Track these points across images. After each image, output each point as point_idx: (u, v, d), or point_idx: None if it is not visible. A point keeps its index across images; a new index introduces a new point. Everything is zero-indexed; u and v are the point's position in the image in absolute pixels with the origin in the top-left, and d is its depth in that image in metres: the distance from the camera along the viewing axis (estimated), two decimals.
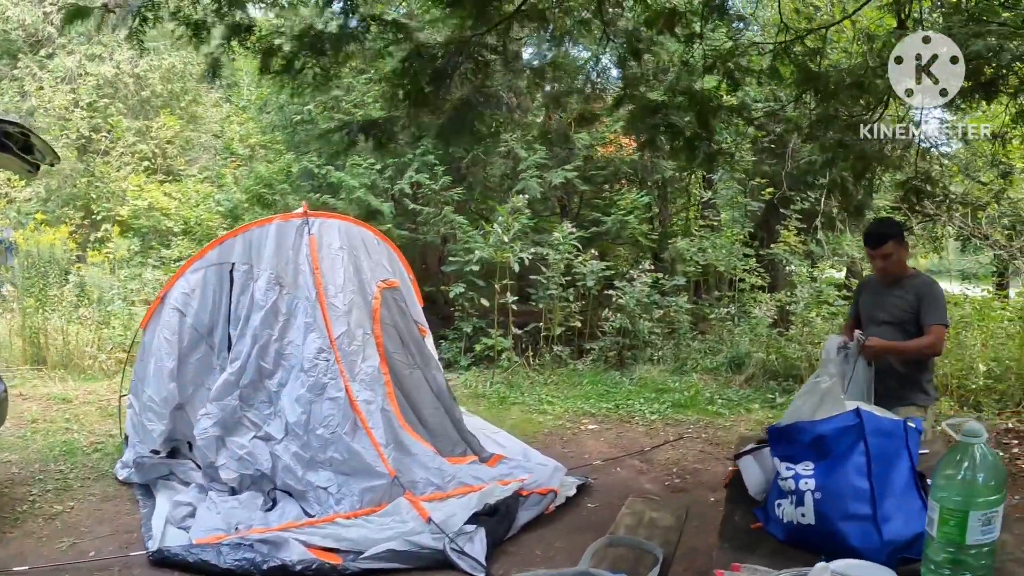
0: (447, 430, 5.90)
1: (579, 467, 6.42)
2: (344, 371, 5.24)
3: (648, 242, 12.74)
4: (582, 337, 10.92)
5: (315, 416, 5.17)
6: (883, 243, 4.29)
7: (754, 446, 2.92)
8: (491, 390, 9.12)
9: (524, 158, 11.06)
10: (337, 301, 5.50)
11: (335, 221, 5.88)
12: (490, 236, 10.02)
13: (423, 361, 6.14)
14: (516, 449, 6.31)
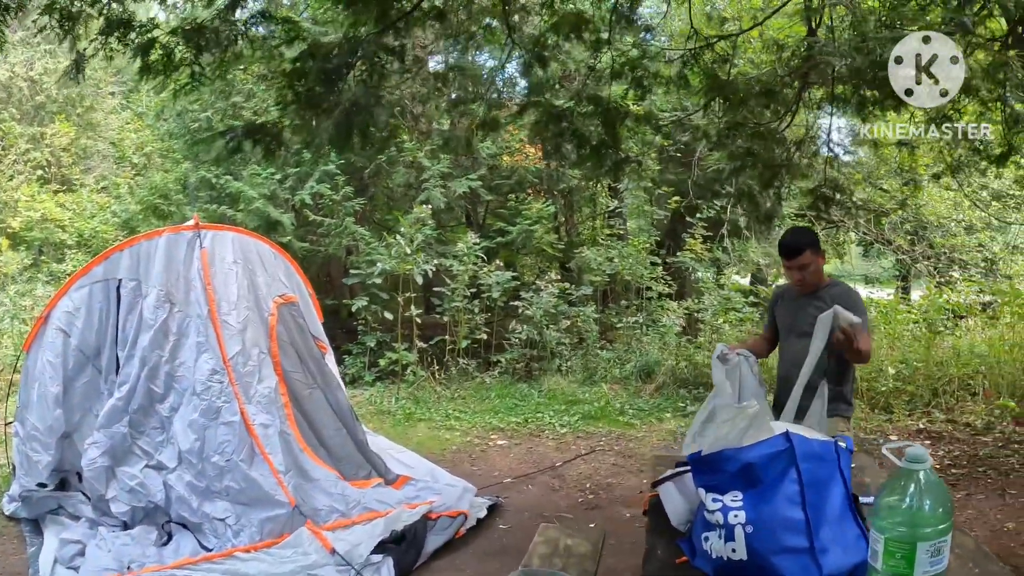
0: (350, 452, 5.61)
1: (489, 486, 6.23)
2: (239, 393, 4.92)
3: (554, 252, 12.67)
4: (489, 349, 10.74)
5: (209, 442, 4.82)
6: (800, 253, 4.11)
7: (674, 471, 2.76)
8: (396, 406, 8.83)
9: (428, 167, 10.83)
10: (231, 319, 5.17)
11: (228, 233, 5.54)
12: (393, 247, 9.74)
13: (323, 380, 5.84)
14: (423, 469, 6.06)
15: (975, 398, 8.66)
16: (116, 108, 19.23)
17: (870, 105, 5.84)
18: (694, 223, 11.68)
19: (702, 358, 10.11)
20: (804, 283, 4.22)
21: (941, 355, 9.23)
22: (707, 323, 10.68)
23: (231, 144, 5.19)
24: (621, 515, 5.82)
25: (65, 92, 17.55)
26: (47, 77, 16.98)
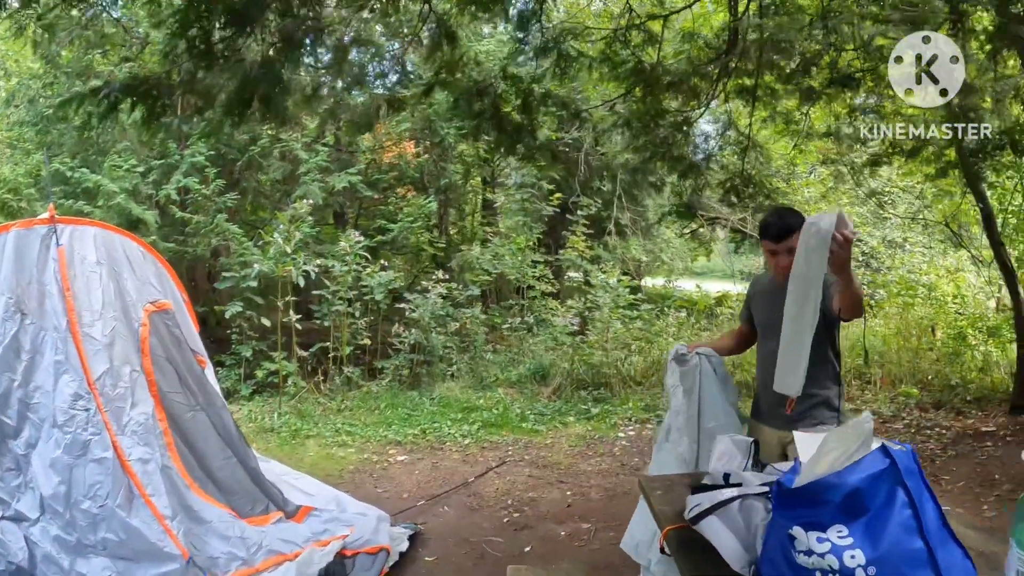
0: (243, 484, 4.77)
1: (402, 511, 5.55)
2: (109, 422, 4.03)
3: (434, 251, 12.09)
4: (373, 356, 9.99)
5: (78, 485, 3.89)
6: (790, 235, 3.47)
7: (716, 502, 2.21)
8: (280, 423, 7.98)
9: (305, 160, 9.96)
10: (95, 331, 4.25)
11: (91, 229, 4.58)
12: (270, 247, 8.84)
13: (206, 399, 4.94)
14: (326, 497, 5.28)
15: (870, 386, 8.92)
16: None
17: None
18: (575, 220, 11.39)
19: (597, 358, 9.76)
20: (782, 268, 3.55)
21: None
22: (602, 322, 10.34)
23: (106, 103, 4.26)
24: (555, 534, 5.29)
25: None
26: None
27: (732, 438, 2.80)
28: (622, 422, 8.35)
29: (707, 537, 2.17)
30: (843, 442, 1.88)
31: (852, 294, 3.23)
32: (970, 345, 9.59)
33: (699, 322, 11.26)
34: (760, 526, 2.08)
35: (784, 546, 1.88)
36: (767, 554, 1.95)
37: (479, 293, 11.08)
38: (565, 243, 11.83)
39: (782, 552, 1.89)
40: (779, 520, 1.92)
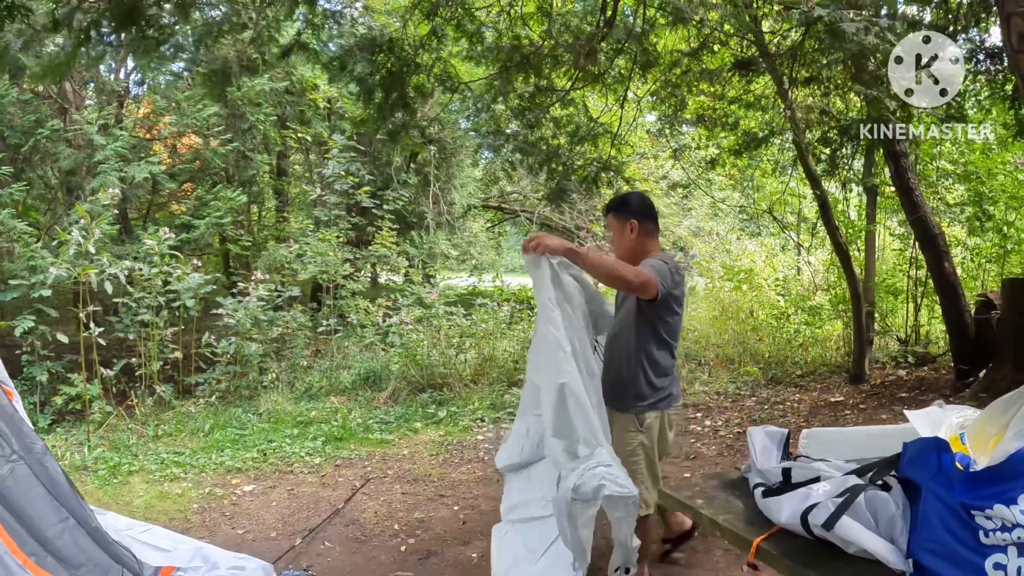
0: (88, 552, 3.70)
1: (280, 556, 4.64)
2: None
3: (240, 249, 10.99)
4: (185, 370, 8.77)
5: None
6: (605, 214, 4.00)
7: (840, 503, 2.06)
8: (91, 458, 6.67)
9: (102, 146, 8.54)
10: None
11: None
12: (67, 248, 7.43)
13: (23, 446, 3.79)
14: (186, 551, 4.29)
15: (701, 368, 9.14)
16: None
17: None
18: (381, 215, 10.82)
19: (433, 359, 9.32)
20: (617, 250, 3.89)
21: None
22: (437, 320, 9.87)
23: None
24: (467, 557, 4.64)
25: None
26: None
27: (765, 430, 2.62)
28: (474, 424, 7.85)
29: (847, 539, 2.03)
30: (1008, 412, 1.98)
31: (591, 272, 3.54)
32: (792, 323, 10.08)
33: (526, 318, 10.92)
34: (898, 517, 2.03)
35: (958, 531, 1.89)
36: (930, 544, 1.93)
37: (298, 294, 10.11)
38: (372, 239, 11.16)
39: (955, 537, 1.89)
40: (958, 504, 1.90)
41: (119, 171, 8.59)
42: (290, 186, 14.27)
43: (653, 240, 3.85)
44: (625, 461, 3.44)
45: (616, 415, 3.71)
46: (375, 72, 4.86)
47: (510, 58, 5.47)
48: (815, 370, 9.17)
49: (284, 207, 14.12)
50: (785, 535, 2.17)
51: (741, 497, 2.48)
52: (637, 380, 3.69)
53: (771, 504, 2.25)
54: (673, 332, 3.77)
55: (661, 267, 3.58)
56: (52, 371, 7.82)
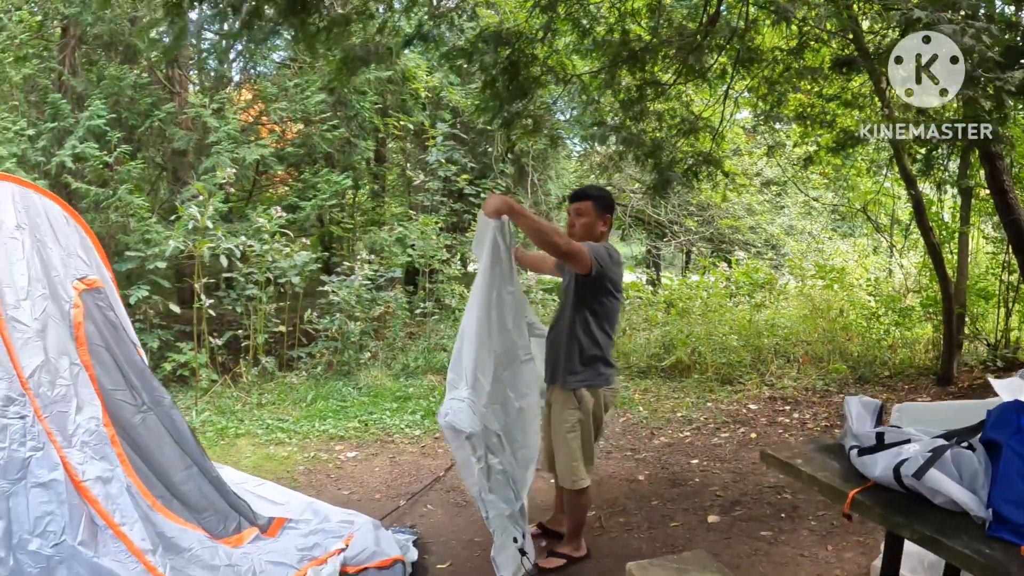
0: (210, 498, 3.90)
1: (387, 515, 4.78)
2: (53, 433, 3.11)
3: (342, 231, 11.26)
4: (287, 343, 9.06)
5: (20, 520, 2.92)
6: (581, 199, 4.08)
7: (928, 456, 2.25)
8: (200, 421, 6.99)
9: (214, 128, 8.88)
10: (22, 315, 3.31)
11: (6, 184, 3.57)
12: (182, 223, 7.76)
13: (152, 398, 4.00)
14: (298, 505, 4.44)
15: (790, 364, 8.98)
16: None
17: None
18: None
19: None
20: (572, 230, 4.06)
21: (752, 328, 9.61)
22: None
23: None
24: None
25: None
26: None
27: (861, 400, 2.72)
28: None
29: (935, 488, 2.18)
30: None
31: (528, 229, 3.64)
32: (882, 324, 9.94)
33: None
34: (980, 472, 2.17)
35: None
36: (1009, 495, 2.07)
37: (401, 275, 10.31)
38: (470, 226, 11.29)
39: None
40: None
41: (231, 152, 8.92)
42: (390, 172, 14.52)
43: (608, 234, 4.13)
44: (562, 436, 3.89)
45: (555, 392, 3.99)
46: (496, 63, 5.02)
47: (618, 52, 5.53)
48: (903, 371, 9.00)
49: (383, 192, 14.39)
50: (878, 489, 2.32)
51: (837, 459, 2.63)
52: (573, 358, 3.90)
53: (866, 461, 2.40)
54: (610, 315, 3.97)
55: (599, 248, 3.85)
56: (163, 339, 8.18)
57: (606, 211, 4.07)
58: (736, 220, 14.86)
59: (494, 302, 3.71)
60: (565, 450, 3.92)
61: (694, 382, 8.26)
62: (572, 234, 4.04)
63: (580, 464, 3.93)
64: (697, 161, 6.39)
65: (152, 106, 9.39)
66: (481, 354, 3.63)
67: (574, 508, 4.10)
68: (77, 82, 9.45)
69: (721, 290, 11.04)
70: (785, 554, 4.18)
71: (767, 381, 8.32)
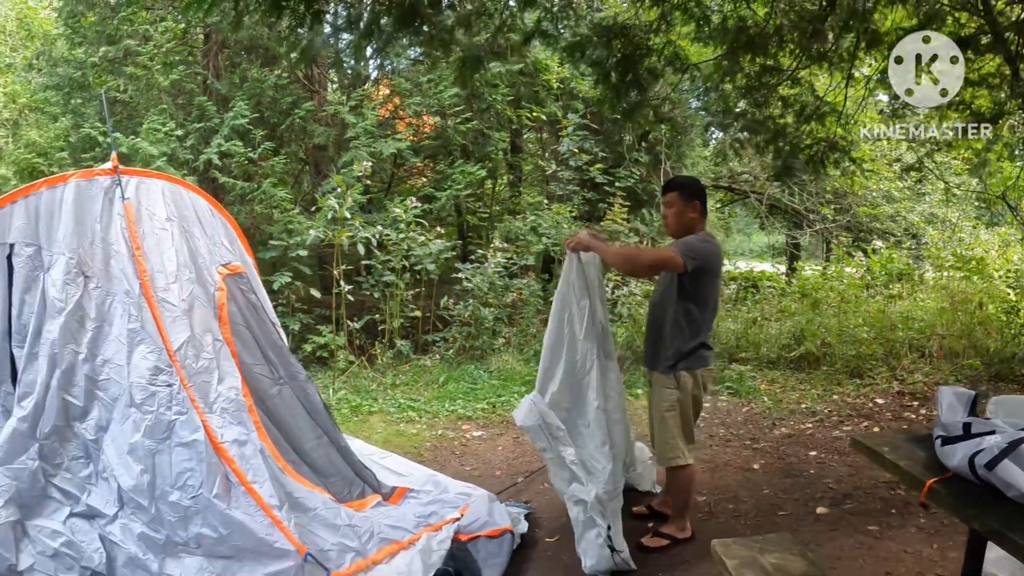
0: (338, 465, 4.25)
1: (504, 490, 5.02)
2: (196, 399, 3.49)
3: (477, 220, 11.58)
4: (422, 328, 9.45)
5: (163, 474, 3.35)
6: (669, 191, 4.23)
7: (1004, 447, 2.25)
8: (336, 399, 7.44)
9: (352, 124, 9.38)
10: (171, 296, 3.71)
11: (158, 182, 4.02)
12: (323, 214, 8.26)
13: (288, 373, 4.40)
14: (421, 477, 4.76)
15: (924, 359, 8.65)
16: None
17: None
18: (613, 192, 10.90)
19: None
20: (665, 222, 4.26)
21: (885, 320, 9.26)
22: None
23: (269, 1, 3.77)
24: None
25: None
26: None
27: (954, 391, 2.70)
28: None
29: (1007, 480, 2.18)
30: None
31: (610, 261, 4.09)
32: (1022, 318, 9.39)
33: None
34: None
35: None
36: None
37: (532, 264, 10.55)
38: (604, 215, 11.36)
39: None
40: None
41: (368, 147, 9.38)
42: (524, 162, 14.77)
43: (703, 221, 4.21)
44: (660, 415, 4.09)
45: (655, 375, 4.19)
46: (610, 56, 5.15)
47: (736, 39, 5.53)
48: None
49: (519, 182, 14.65)
50: (956, 480, 2.34)
51: (924, 449, 2.66)
52: (674, 343, 4.06)
53: (947, 450, 2.41)
54: (709, 300, 4.11)
55: (691, 242, 3.99)
56: (304, 322, 8.72)
57: (692, 198, 4.16)
58: (874, 208, 14.36)
59: (567, 318, 4.12)
60: (662, 428, 4.06)
61: (822, 374, 8.10)
62: (667, 225, 4.25)
63: (678, 442, 4.05)
64: (822, 147, 6.29)
65: (293, 105, 9.97)
66: (551, 361, 4.14)
67: (675, 487, 4.22)
68: (221, 85, 10.14)
69: (857, 280, 10.71)
70: (889, 549, 4.16)
71: (897, 376, 8.05)
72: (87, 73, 10.47)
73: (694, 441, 4.21)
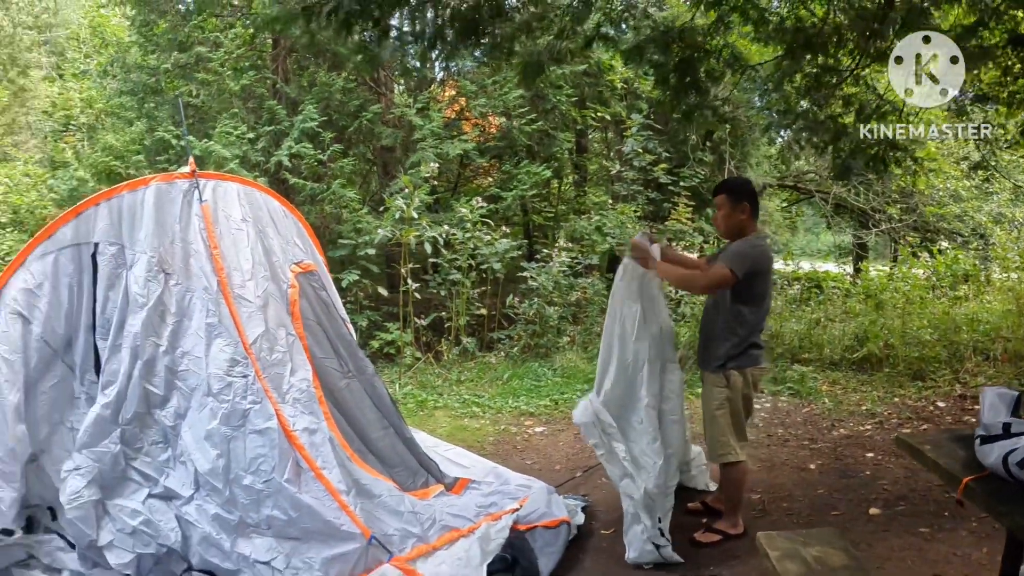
0: (403, 456, 4.43)
1: (562, 484, 5.14)
2: (270, 390, 3.69)
3: (542, 220, 11.70)
4: (487, 326, 9.61)
5: (237, 459, 3.57)
6: (716, 194, 4.36)
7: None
8: (402, 393, 7.65)
9: (419, 126, 9.61)
10: (247, 292, 3.93)
11: (233, 185, 4.25)
12: (391, 213, 8.49)
13: (357, 367, 4.60)
14: (482, 469, 4.90)
15: (988, 362, 8.39)
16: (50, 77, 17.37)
17: None
18: (677, 192, 10.89)
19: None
20: (716, 224, 4.44)
21: (950, 322, 9.05)
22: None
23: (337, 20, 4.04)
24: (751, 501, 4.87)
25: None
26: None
27: (997, 391, 2.72)
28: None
29: None
30: None
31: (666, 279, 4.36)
32: None
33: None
34: None
35: None
36: None
37: (597, 263, 10.64)
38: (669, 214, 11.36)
39: None
40: None
41: (435, 148, 9.60)
42: (590, 162, 14.85)
43: (753, 221, 4.30)
44: (711, 413, 4.21)
45: (705, 374, 4.31)
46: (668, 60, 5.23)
47: (795, 39, 5.55)
48: None
49: (584, 182, 14.73)
50: (993, 479, 2.41)
51: (965, 448, 2.71)
52: (723, 342, 4.16)
53: (985, 449, 2.48)
54: (761, 301, 4.21)
55: (741, 250, 4.11)
56: (372, 319, 8.97)
57: (741, 199, 4.24)
58: (941, 208, 14.07)
59: (619, 319, 4.33)
60: (713, 426, 4.16)
61: (884, 376, 8.01)
62: (717, 227, 4.42)
63: (729, 439, 4.14)
64: (884, 147, 6.25)
65: (360, 107, 10.24)
66: (606, 359, 4.37)
67: (728, 484, 4.30)
68: (290, 89, 10.47)
69: (922, 281, 10.52)
70: (938, 551, 4.15)
71: (960, 379, 7.86)
72: (160, 79, 10.90)
73: (746, 438, 4.28)
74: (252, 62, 10.81)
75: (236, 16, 11.03)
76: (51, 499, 3.83)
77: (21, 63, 16.46)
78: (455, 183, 12.04)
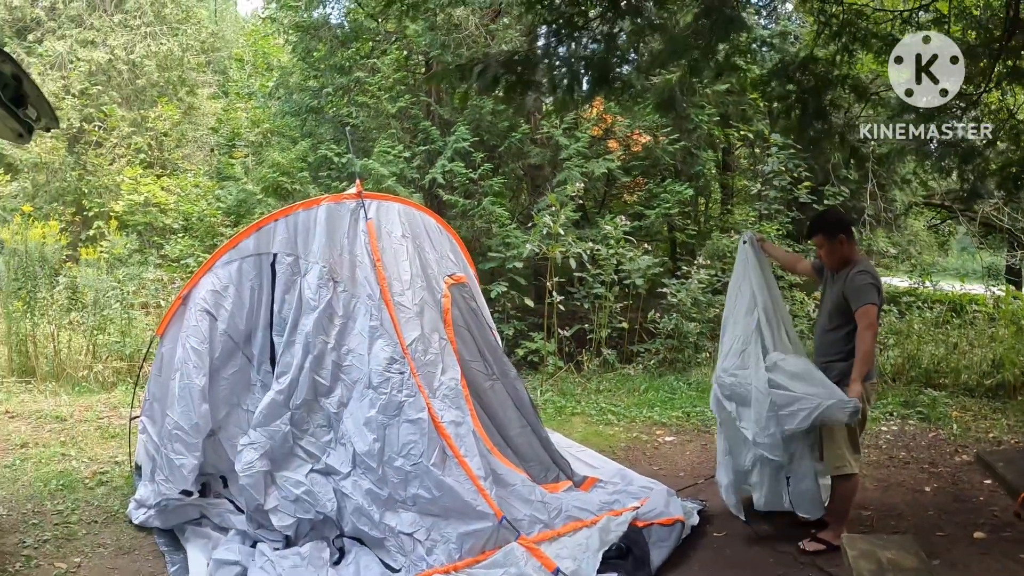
0: (537, 452, 4.92)
1: (683, 488, 5.46)
2: (423, 386, 4.26)
3: (685, 237, 11.91)
4: (630, 340, 9.96)
5: (391, 443, 4.15)
6: (811, 235, 4.66)
7: None
8: (543, 399, 8.13)
9: (565, 146, 10.10)
10: (405, 300, 4.52)
11: (394, 204, 4.89)
12: (538, 229, 9.02)
13: (501, 370, 5.15)
14: (610, 470, 5.34)
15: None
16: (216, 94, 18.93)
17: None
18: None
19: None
20: (822, 259, 4.67)
21: None
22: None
23: (488, 78, 4.69)
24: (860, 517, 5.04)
25: (166, 76, 17.29)
26: (147, 60, 16.72)
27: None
28: (883, 416, 7.69)
29: None
30: None
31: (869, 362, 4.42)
32: None
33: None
34: None
35: None
36: None
37: None
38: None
39: None
40: None
41: (581, 167, 10.06)
42: (735, 180, 14.91)
43: (853, 247, 4.58)
44: (829, 428, 4.37)
45: None
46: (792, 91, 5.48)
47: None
48: None
49: (729, 200, 14.79)
50: None
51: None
52: (839, 361, 4.45)
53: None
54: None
55: (868, 282, 4.37)
56: (517, 328, 9.48)
57: (836, 232, 4.52)
58: None
59: (735, 298, 4.94)
60: (830, 440, 4.39)
61: (1018, 404, 7.86)
62: (824, 262, 4.66)
63: (844, 452, 4.36)
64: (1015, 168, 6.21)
65: (509, 128, 10.80)
66: (725, 334, 5.01)
67: (839, 495, 4.53)
68: (443, 110, 11.13)
69: None
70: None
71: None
72: (321, 102, 11.81)
73: (859, 452, 4.51)
74: (408, 85, 11.54)
75: (390, 41, 11.78)
76: (224, 469, 4.63)
77: (189, 83, 17.96)
78: (601, 200, 12.41)
